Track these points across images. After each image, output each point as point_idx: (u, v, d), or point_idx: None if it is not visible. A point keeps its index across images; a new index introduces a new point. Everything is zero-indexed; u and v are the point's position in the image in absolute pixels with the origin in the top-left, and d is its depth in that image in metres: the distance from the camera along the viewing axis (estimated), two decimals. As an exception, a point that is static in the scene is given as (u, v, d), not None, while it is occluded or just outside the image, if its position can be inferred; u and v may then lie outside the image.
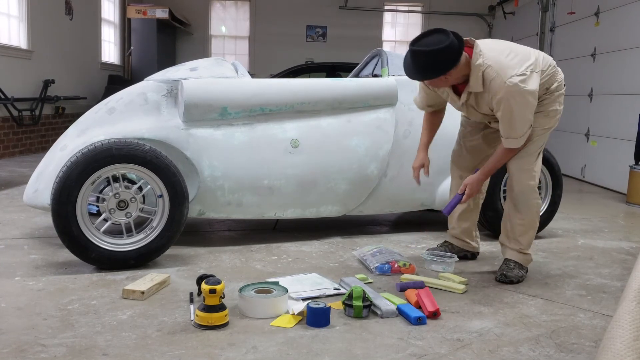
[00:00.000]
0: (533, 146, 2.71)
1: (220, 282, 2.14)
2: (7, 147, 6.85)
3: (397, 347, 2.01)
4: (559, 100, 2.77)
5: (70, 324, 2.12)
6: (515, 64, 2.54)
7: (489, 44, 2.64)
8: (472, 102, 2.70)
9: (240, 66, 3.48)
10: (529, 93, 2.53)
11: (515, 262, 2.82)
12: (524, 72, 2.52)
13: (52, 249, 3.08)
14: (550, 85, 2.72)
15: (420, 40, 2.53)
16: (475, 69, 2.56)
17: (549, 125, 2.75)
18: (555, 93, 2.75)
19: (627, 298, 1.39)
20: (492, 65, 2.54)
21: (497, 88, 2.53)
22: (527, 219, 2.78)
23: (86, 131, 3.09)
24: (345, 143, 3.37)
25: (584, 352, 2.03)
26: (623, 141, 5.85)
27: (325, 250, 3.24)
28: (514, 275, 2.77)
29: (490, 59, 2.55)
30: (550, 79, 2.71)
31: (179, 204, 2.82)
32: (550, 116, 2.75)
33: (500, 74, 2.52)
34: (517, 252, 2.82)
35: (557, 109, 2.76)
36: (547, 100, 2.73)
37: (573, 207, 4.91)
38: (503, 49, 2.62)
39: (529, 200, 2.75)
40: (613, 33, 6.22)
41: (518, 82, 2.49)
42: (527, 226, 2.80)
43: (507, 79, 2.50)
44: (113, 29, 10.46)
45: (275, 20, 11.67)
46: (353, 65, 9.12)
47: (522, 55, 2.61)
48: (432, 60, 2.49)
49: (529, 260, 2.86)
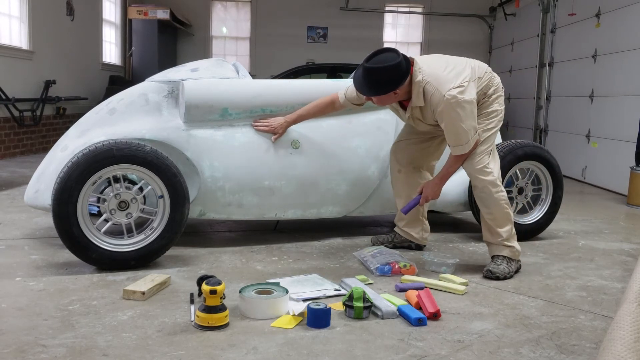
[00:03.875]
0: (481, 147, 2.84)
1: (221, 283, 2.14)
2: (8, 147, 6.86)
3: (398, 348, 2.01)
4: (497, 101, 2.93)
5: (71, 325, 2.12)
6: (452, 77, 2.71)
7: (427, 60, 2.82)
8: (417, 115, 2.89)
9: (241, 67, 3.49)
10: (468, 102, 2.69)
11: (502, 257, 2.89)
12: (461, 84, 2.70)
13: (52, 250, 3.08)
14: (487, 90, 2.89)
15: (373, 58, 2.70)
16: (416, 86, 2.74)
17: (491, 126, 2.89)
18: (493, 96, 2.91)
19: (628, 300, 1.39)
20: (430, 81, 2.72)
21: (437, 102, 2.70)
22: (495, 212, 2.88)
23: (87, 132, 3.09)
24: (346, 144, 3.37)
25: (585, 353, 2.02)
26: (624, 142, 5.84)
27: (325, 251, 3.24)
28: (500, 271, 2.82)
29: (429, 75, 2.73)
30: (487, 84, 2.88)
31: (180, 204, 2.82)
32: (491, 117, 2.90)
33: (439, 88, 2.69)
34: (501, 245, 2.90)
35: (496, 109, 2.92)
36: (486, 103, 2.90)
37: (574, 208, 4.91)
38: (440, 64, 2.80)
39: (492, 195, 2.85)
40: (614, 34, 6.22)
41: (456, 94, 2.66)
42: (500, 219, 2.88)
43: (446, 92, 2.67)
44: (114, 29, 10.46)
45: (276, 21, 11.67)
46: (354, 66, 9.12)
47: (459, 67, 2.79)
48: (383, 77, 2.67)
49: (515, 252, 2.91)
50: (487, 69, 2.92)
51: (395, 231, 3.36)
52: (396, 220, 3.35)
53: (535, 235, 3.71)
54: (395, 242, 3.33)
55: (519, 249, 2.92)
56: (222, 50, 11.98)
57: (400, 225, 3.32)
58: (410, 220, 3.27)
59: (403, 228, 3.30)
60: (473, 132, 2.74)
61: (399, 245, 3.32)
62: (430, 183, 2.97)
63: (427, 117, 2.87)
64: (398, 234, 3.34)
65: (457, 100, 2.66)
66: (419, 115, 2.89)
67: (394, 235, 3.35)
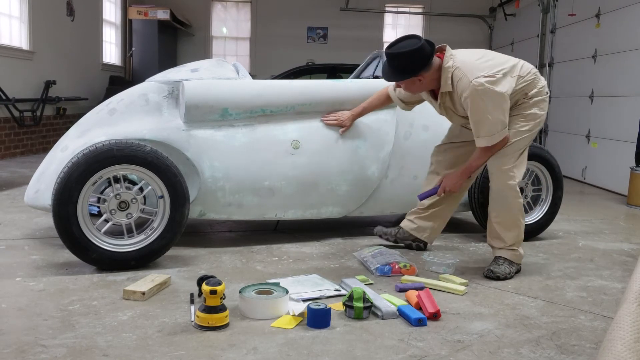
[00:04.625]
0: (511, 148, 2.80)
1: (221, 283, 2.15)
2: (8, 147, 6.86)
3: (398, 349, 2.01)
4: (538, 105, 2.87)
5: (71, 325, 2.12)
6: (485, 67, 2.69)
7: (464, 51, 2.83)
8: (448, 103, 2.87)
9: (241, 67, 3.49)
10: (497, 94, 2.65)
11: (504, 259, 2.89)
12: (493, 75, 2.67)
13: (52, 250, 3.08)
14: (529, 90, 2.84)
15: (395, 45, 2.74)
16: (445, 71, 2.75)
17: (525, 129, 2.83)
18: (535, 98, 2.85)
19: (628, 300, 1.39)
20: (460, 67, 2.71)
21: (463, 87, 2.69)
22: (504, 217, 2.86)
23: (87, 132, 3.09)
24: (346, 144, 3.37)
25: (585, 353, 2.03)
26: (624, 143, 5.85)
27: (325, 252, 3.24)
28: (501, 271, 2.82)
29: (460, 62, 2.73)
30: (529, 85, 2.83)
31: (180, 204, 2.82)
32: (529, 119, 2.84)
33: (467, 74, 2.68)
34: (503, 249, 2.90)
35: (536, 113, 2.85)
36: (525, 105, 2.85)
37: (574, 208, 4.91)
38: (477, 54, 2.80)
39: (508, 199, 2.83)
40: (614, 35, 6.22)
41: (484, 82, 2.63)
42: (508, 224, 2.87)
43: (473, 78, 2.64)
44: (114, 30, 10.46)
45: (276, 22, 11.67)
46: (354, 67, 9.11)
47: (497, 60, 2.78)
48: (405, 62, 2.70)
49: (519, 256, 2.91)
50: (533, 70, 2.87)
51: (401, 226, 3.29)
52: (408, 214, 3.29)
53: (535, 235, 3.71)
54: (397, 237, 3.27)
55: (522, 253, 2.92)
56: (222, 50, 11.98)
57: (411, 217, 3.24)
58: (429, 215, 3.19)
59: (415, 220, 3.23)
60: (500, 126, 2.69)
61: (400, 242, 3.27)
62: (451, 175, 2.96)
63: (457, 106, 2.83)
64: (403, 229, 3.27)
65: (484, 89, 2.62)
66: (450, 104, 2.86)
67: (398, 229, 3.29)
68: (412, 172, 3.55)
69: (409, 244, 3.29)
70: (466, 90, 2.66)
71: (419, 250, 3.27)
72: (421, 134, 3.56)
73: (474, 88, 2.63)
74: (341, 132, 3.32)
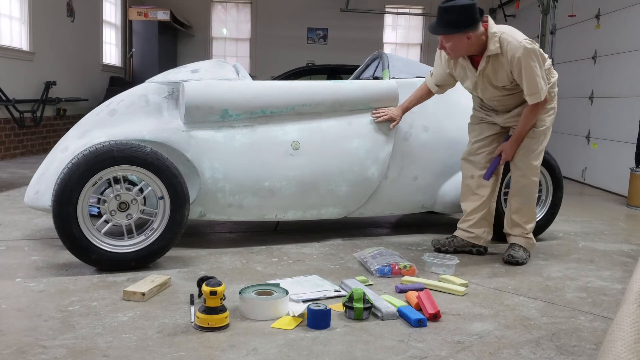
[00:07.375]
0: (537, 144, 3.06)
1: (221, 284, 2.15)
2: (9, 148, 6.86)
3: (398, 349, 2.01)
4: (553, 99, 3.09)
5: (71, 326, 2.12)
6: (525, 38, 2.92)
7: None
8: (489, 71, 2.96)
9: (241, 68, 3.49)
10: (542, 54, 2.91)
11: (519, 246, 3.16)
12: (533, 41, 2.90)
13: (53, 251, 3.08)
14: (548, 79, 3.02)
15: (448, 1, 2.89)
16: (492, 35, 2.90)
17: (548, 122, 3.07)
18: (551, 90, 3.06)
19: (628, 301, 1.39)
20: (506, 32, 2.90)
21: (514, 48, 2.84)
22: (526, 211, 3.15)
23: (87, 133, 3.09)
24: (346, 145, 3.37)
25: (585, 354, 2.03)
26: (624, 144, 5.85)
27: (325, 252, 3.24)
28: (520, 256, 3.09)
29: (505, 29, 2.93)
30: (547, 72, 3.01)
31: (180, 205, 2.82)
32: (549, 113, 3.09)
33: (515, 37, 2.87)
34: (521, 237, 3.17)
35: (553, 107, 3.10)
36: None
37: (574, 209, 4.91)
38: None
39: (531, 194, 3.13)
40: (614, 36, 6.22)
41: (532, 44, 2.86)
42: (529, 216, 3.16)
43: (522, 40, 2.85)
44: (114, 30, 10.47)
45: (276, 23, 11.68)
46: (354, 68, 9.13)
47: None
48: (457, 16, 2.82)
49: (533, 244, 3.20)
50: (550, 62, 3.05)
51: (456, 235, 3.30)
52: (459, 222, 3.31)
53: (536, 236, 3.70)
54: (456, 246, 3.27)
55: (535, 242, 3.21)
56: (222, 51, 11.99)
57: (464, 227, 3.27)
58: (478, 220, 3.22)
59: (468, 229, 3.25)
60: (545, 83, 2.89)
61: (460, 250, 3.26)
62: (507, 144, 3.09)
63: (499, 74, 2.93)
64: (459, 238, 3.28)
65: (533, 48, 2.83)
66: (491, 70, 2.95)
67: (452, 238, 3.30)
68: (412, 172, 3.55)
69: (469, 250, 3.28)
70: (519, 50, 2.81)
71: (479, 255, 3.26)
72: (421, 134, 3.56)
73: (525, 48, 2.81)
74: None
